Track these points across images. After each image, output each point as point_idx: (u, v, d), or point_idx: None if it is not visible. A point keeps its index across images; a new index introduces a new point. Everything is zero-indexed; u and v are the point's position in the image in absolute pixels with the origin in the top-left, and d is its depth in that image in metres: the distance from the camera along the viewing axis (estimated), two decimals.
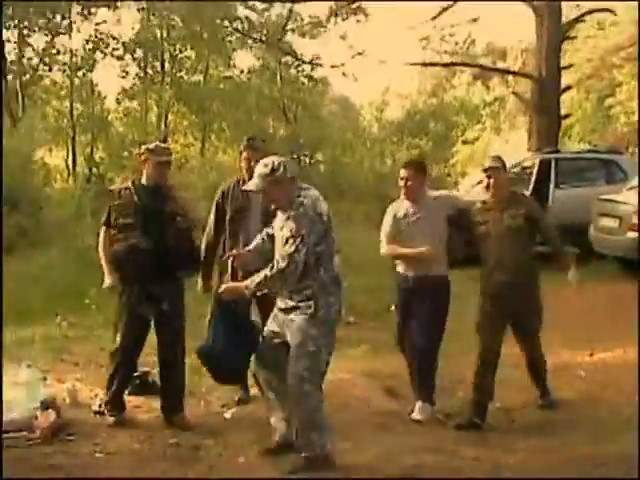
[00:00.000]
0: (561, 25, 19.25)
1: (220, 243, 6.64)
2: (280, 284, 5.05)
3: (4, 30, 23.59)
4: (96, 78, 28.48)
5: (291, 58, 29.44)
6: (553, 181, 14.73)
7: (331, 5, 25.17)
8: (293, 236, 4.90)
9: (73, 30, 26.57)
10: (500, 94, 36.47)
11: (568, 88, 21.00)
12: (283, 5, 27.11)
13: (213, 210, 6.66)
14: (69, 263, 12.05)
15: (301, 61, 29.16)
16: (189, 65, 29.18)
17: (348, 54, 24.79)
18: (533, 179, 14.81)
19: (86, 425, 6.03)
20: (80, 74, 27.44)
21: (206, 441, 5.72)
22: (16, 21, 24.90)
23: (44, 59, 26.69)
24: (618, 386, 7.33)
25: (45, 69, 27.22)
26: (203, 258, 6.49)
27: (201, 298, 6.66)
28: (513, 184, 12.97)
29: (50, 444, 5.57)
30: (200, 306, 6.36)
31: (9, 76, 25.21)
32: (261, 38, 27.21)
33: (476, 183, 12.95)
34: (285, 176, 5.02)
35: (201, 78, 29.64)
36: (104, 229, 6.22)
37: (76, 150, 27.25)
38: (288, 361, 5.04)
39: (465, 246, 6.63)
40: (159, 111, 28.61)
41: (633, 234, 11.97)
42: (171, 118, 29.39)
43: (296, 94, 31.87)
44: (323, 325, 5.00)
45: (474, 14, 31.01)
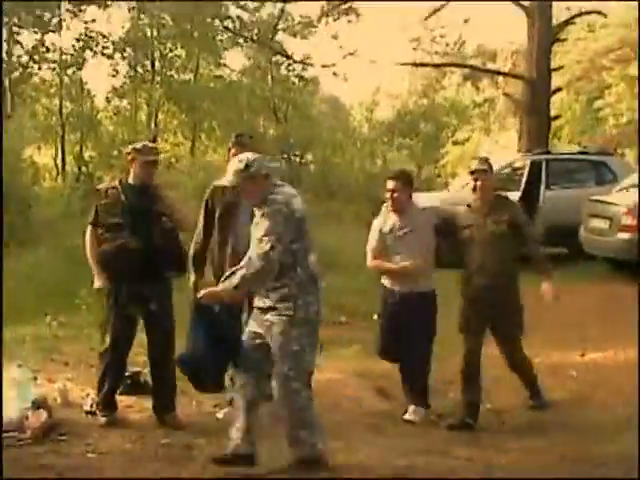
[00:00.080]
0: (552, 27, 19.34)
1: (210, 241, 6.60)
2: (258, 284, 4.95)
3: None
4: (86, 76, 28.36)
5: (282, 57, 29.40)
6: (544, 182, 14.78)
7: (322, 5, 25.14)
8: (268, 234, 4.80)
9: (63, 28, 26.48)
10: (490, 95, 36.56)
11: (558, 90, 21.08)
12: (274, 4, 27.11)
13: (203, 208, 6.64)
14: (58, 262, 11.99)
15: (292, 60, 29.12)
16: (179, 64, 29.05)
17: (339, 54, 24.77)
18: (524, 180, 14.87)
19: (78, 425, 6.00)
20: (70, 72, 27.26)
21: (198, 441, 5.69)
22: (6, 19, 24.76)
23: (34, 57, 26.54)
24: (609, 386, 7.37)
25: (34, 67, 27.11)
26: (193, 256, 6.46)
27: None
28: (504, 185, 13.13)
29: (41, 444, 5.53)
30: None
31: None
32: (252, 37, 27.17)
33: (466, 184, 12.98)
34: (259, 172, 4.94)
35: (191, 77, 29.53)
36: (90, 228, 6.20)
37: (65, 149, 27.10)
38: (270, 362, 4.96)
39: (450, 252, 6.62)
40: (149, 110, 28.50)
41: (623, 235, 12.00)
42: (161, 117, 29.29)
43: (287, 94, 31.82)
44: (304, 325, 4.93)
45: (465, 15, 31.18)
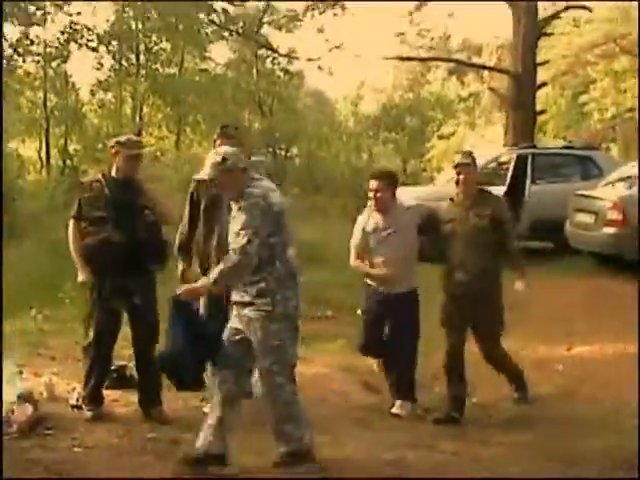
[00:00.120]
0: (538, 21, 19.33)
1: (195, 232, 6.56)
2: (235, 278, 4.90)
3: None
4: (70, 69, 28.27)
5: (267, 51, 29.32)
6: (529, 176, 14.77)
7: None
8: (245, 227, 4.76)
9: (47, 21, 26.34)
10: (475, 90, 36.59)
11: (544, 84, 21.10)
12: None
13: (188, 201, 6.61)
14: (42, 255, 11.92)
15: (277, 54, 29.05)
16: (164, 57, 28.97)
17: (324, 48, 24.67)
18: (509, 174, 14.87)
19: (64, 419, 5.97)
20: (54, 65, 27.18)
21: (185, 435, 5.65)
22: None
23: (18, 50, 26.38)
24: (596, 380, 7.39)
25: (19, 60, 26.92)
26: (179, 247, 6.44)
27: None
28: (490, 179, 13.13)
29: (27, 438, 5.50)
30: None
31: None
32: (238, 30, 27.08)
33: (451, 178, 12.97)
34: (236, 166, 4.91)
35: (176, 70, 29.48)
36: (73, 222, 6.17)
37: (50, 142, 27.05)
38: (251, 357, 4.94)
39: (433, 246, 6.61)
40: (134, 103, 28.43)
41: (609, 230, 12.04)
42: (146, 110, 29.22)
43: (272, 87, 31.80)
44: (283, 320, 4.90)
45: (450, 10, 31.14)
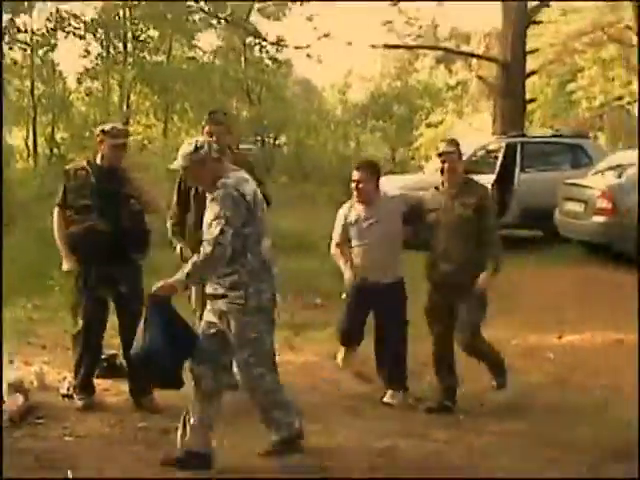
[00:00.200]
0: (527, 9, 19.30)
1: (185, 215, 6.52)
2: (209, 270, 4.80)
3: None
4: (57, 58, 28.20)
5: (255, 39, 29.20)
6: (519, 165, 14.78)
7: None
8: (218, 217, 4.68)
9: (34, 9, 26.16)
10: (463, 78, 36.60)
11: (533, 73, 21.09)
12: None
13: (176, 189, 6.57)
14: (31, 244, 11.86)
15: (266, 42, 28.90)
16: (152, 45, 28.88)
17: (313, 36, 24.57)
18: (499, 163, 14.90)
19: (55, 408, 5.97)
20: (41, 53, 27.06)
21: (176, 424, 5.61)
22: None
23: (4, 38, 26.23)
24: (587, 368, 7.40)
25: (5, 48, 26.74)
26: (172, 228, 6.43)
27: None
28: (478, 167, 13.12)
29: (18, 428, 5.50)
30: None
31: None
32: (226, 18, 26.92)
33: (439, 167, 12.97)
34: (209, 156, 4.85)
35: (164, 58, 29.39)
36: (58, 209, 6.15)
37: (37, 130, 26.94)
38: (228, 350, 4.92)
39: (417, 235, 6.58)
40: (121, 92, 28.31)
41: (598, 218, 12.07)
42: (133, 99, 29.11)
43: (260, 75, 31.71)
44: (257, 313, 4.85)
45: None
